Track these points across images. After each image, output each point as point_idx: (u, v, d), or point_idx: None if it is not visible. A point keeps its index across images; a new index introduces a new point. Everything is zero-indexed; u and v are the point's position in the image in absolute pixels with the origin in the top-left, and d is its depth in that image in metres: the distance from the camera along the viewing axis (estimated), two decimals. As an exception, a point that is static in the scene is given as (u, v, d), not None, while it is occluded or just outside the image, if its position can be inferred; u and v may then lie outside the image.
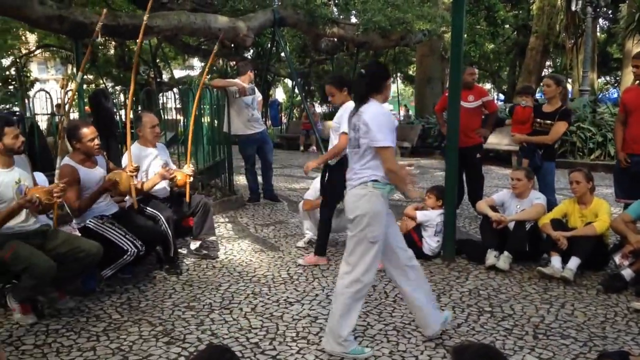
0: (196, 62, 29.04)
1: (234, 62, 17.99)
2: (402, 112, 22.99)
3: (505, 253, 4.91)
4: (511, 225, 5.06)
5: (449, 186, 5.19)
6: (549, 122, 5.72)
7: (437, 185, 5.81)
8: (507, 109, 11.14)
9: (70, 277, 4.03)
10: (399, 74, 23.09)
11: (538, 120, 5.83)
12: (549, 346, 3.46)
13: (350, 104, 4.76)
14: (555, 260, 4.69)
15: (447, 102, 5.51)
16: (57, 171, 3.98)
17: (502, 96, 25.24)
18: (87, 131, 4.34)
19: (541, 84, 6.34)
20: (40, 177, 4.30)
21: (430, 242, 5.20)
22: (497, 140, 11.22)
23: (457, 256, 5.21)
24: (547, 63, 21.77)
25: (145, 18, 4.80)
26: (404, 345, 3.47)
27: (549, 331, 3.68)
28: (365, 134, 3.25)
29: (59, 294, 4.12)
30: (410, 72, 25.91)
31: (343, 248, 5.54)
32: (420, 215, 5.26)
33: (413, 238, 5.21)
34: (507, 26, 19.62)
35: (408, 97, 34.13)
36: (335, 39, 14.86)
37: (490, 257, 4.91)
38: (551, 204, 5.32)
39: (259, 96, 7.63)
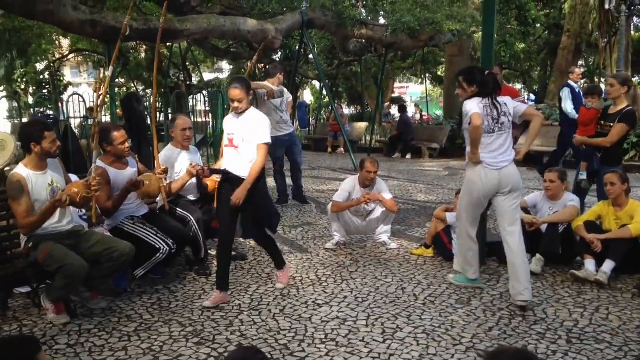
0: (225, 65, 29.30)
1: (262, 65, 18.09)
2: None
3: (538, 256, 4.83)
4: (543, 227, 4.97)
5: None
6: (610, 124, 5.35)
7: (467, 186, 5.74)
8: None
9: (103, 277, 4.09)
10: (427, 75, 22.91)
11: (601, 122, 5.49)
12: (582, 351, 3.39)
13: (255, 112, 4.40)
14: (589, 263, 4.59)
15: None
16: (92, 167, 4.09)
17: (532, 96, 24.86)
18: (118, 134, 4.45)
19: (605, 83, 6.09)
20: (74, 178, 4.38)
21: (460, 244, 5.13)
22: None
23: (487, 259, 5.14)
24: (580, 63, 21.35)
25: (161, 21, 4.86)
26: (434, 349, 3.43)
27: (582, 335, 3.60)
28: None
29: (92, 294, 4.20)
30: (439, 73, 25.71)
31: (372, 249, 5.57)
32: (450, 217, 5.20)
33: (443, 240, 5.17)
34: (538, 25, 19.31)
35: (437, 97, 33.85)
36: (364, 40, 14.81)
37: (522, 259, 4.82)
38: None
39: (289, 97, 7.63)
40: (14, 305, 4.21)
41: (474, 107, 4.07)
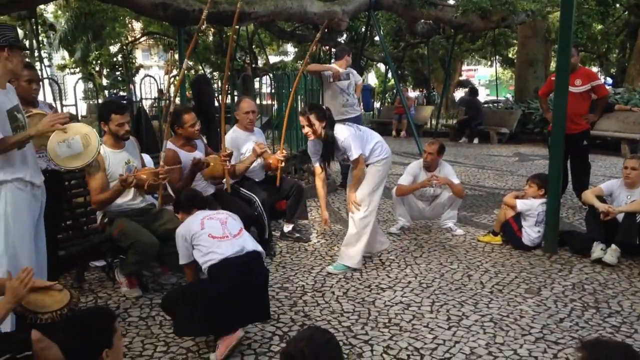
0: (290, 48, 29.40)
1: (327, 47, 18.02)
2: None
3: (613, 246, 4.60)
4: (620, 217, 4.73)
5: (554, 175, 4.92)
6: None
7: (539, 173, 5.55)
8: None
9: (173, 254, 4.20)
10: (497, 57, 22.14)
11: None
12: (662, 347, 3.22)
13: None
14: (670, 256, 4.35)
15: (552, 87, 5.23)
16: (162, 153, 4.15)
17: (610, 80, 23.66)
18: (189, 117, 4.53)
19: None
20: (147, 158, 4.51)
21: (531, 232, 4.97)
22: (605, 127, 10.52)
23: (559, 248, 4.96)
24: (662, 44, 20.05)
25: (239, 5, 4.90)
26: (501, 338, 3.35)
27: (662, 332, 3.42)
28: None
29: (163, 269, 4.35)
30: (510, 55, 24.83)
31: (437, 235, 5.49)
32: (521, 204, 5.04)
33: (512, 227, 5.02)
34: (617, 5, 18.26)
35: (506, 80, 32.79)
36: (432, 22, 14.49)
37: (597, 250, 4.63)
38: None
39: (358, 80, 7.55)
40: (89, 278, 4.41)
41: (357, 146, 4.37)
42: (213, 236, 3.27)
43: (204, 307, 3.04)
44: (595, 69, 22.63)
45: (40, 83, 4.42)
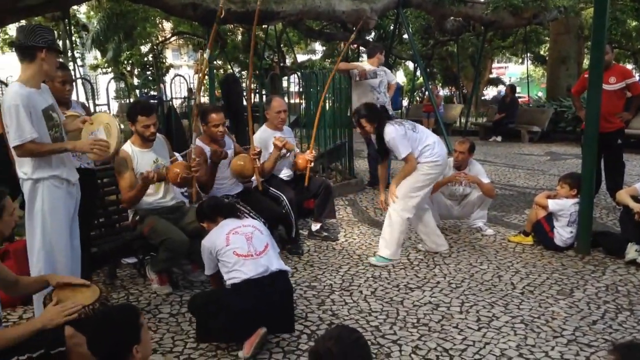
0: (318, 46, 29.40)
1: (355, 46, 17.97)
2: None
3: (647, 247, 4.50)
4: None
5: (587, 175, 4.82)
6: None
7: (571, 173, 5.44)
8: None
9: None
10: (528, 54, 21.77)
11: None
12: (700, 353, 3.12)
13: None
14: None
15: (585, 85, 5.12)
16: (191, 147, 4.19)
17: (645, 77, 23.08)
18: (215, 117, 4.54)
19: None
20: (177, 156, 4.56)
21: (563, 232, 4.88)
22: (639, 125, 10.26)
23: (592, 249, 4.86)
24: (700, 40, 19.50)
25: (258, 3, 4.94)
26: (532, 340, 3.30)
27: (700, 336, 3.33)
28: None
29: (192, 266, 4.39)
30: (542, 52, 24.41)
31: (467, 235, 5.43)
32: (553, 204, 4.95)
33: (544, 228, 4.94)
34: (653, 0, 17.81)
35: (538, 78, 32.26)
36: (461, 19, 14.34)
37: (631, 251, 4.52)
38: None
39: (391, 79, 7.52)
40: (121, 274, 4.48)
41: (405, 146, 4.50)
42: (238, 254, 3.27)
43: (226, 320, 3.09)
44: (629, 66, 22.09)
45: (73, 83, 4.50)
